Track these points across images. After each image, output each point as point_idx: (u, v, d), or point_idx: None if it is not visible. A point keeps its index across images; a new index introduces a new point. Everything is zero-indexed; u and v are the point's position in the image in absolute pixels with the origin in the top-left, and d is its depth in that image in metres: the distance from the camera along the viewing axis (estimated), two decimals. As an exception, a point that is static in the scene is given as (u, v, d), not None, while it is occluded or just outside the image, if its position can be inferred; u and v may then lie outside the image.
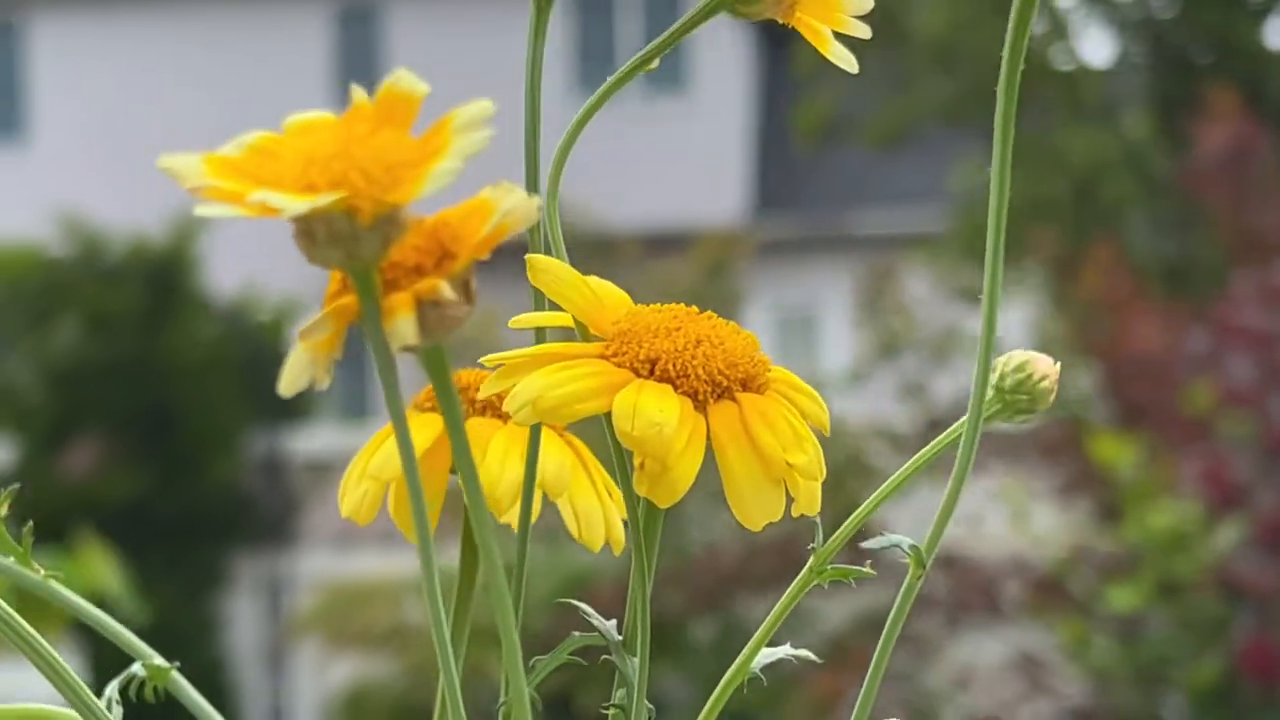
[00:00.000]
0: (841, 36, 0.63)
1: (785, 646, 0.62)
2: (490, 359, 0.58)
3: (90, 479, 7.96)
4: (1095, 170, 7.99)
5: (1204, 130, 5.93)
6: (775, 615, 0.61)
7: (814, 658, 0.62)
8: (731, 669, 0.61)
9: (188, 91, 11.61)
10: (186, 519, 8.13)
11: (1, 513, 0.64)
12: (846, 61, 0.62)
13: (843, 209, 11.45)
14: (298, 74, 11.64)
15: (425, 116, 0.48)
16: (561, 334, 0.60)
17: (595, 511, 0.64)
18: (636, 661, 0.59)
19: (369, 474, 0.63)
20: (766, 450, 0.57)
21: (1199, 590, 4.71)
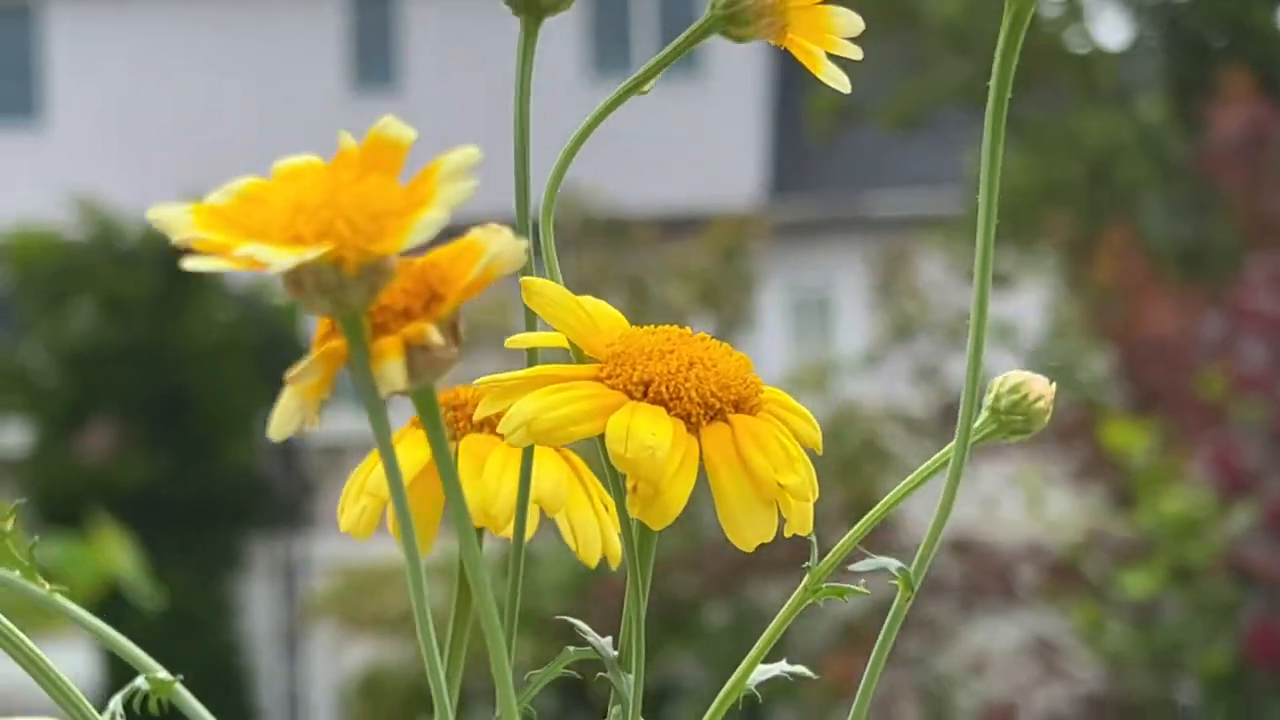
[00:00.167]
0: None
1: (781, 663, 0.62)
2: (484, 381, 0.58)
3: (106, 462, 7.97)
4: (1110, 154, 7.97)
5: (1218, 114, 5.91)
6: (771, 632, 0.61)
7: (809, 673, 0.62)
8: (728, 685, 0.62)
9: (203, 75, 11.62)
10: (202, 502, 8.14)
11: (7, 527, 0.64)
12: (839, 82, 0.62)
13: (858, 191, 11.44)
14: (313, 57, 11.64)
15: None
16: (558, 354, 0.61)
17: (592, 526, 0.64)
18: (631, 678, 0.59)
19: (367, 490, 0.63)
20: (758, 472, 0.57)
21: (1211, 576, 4.70)
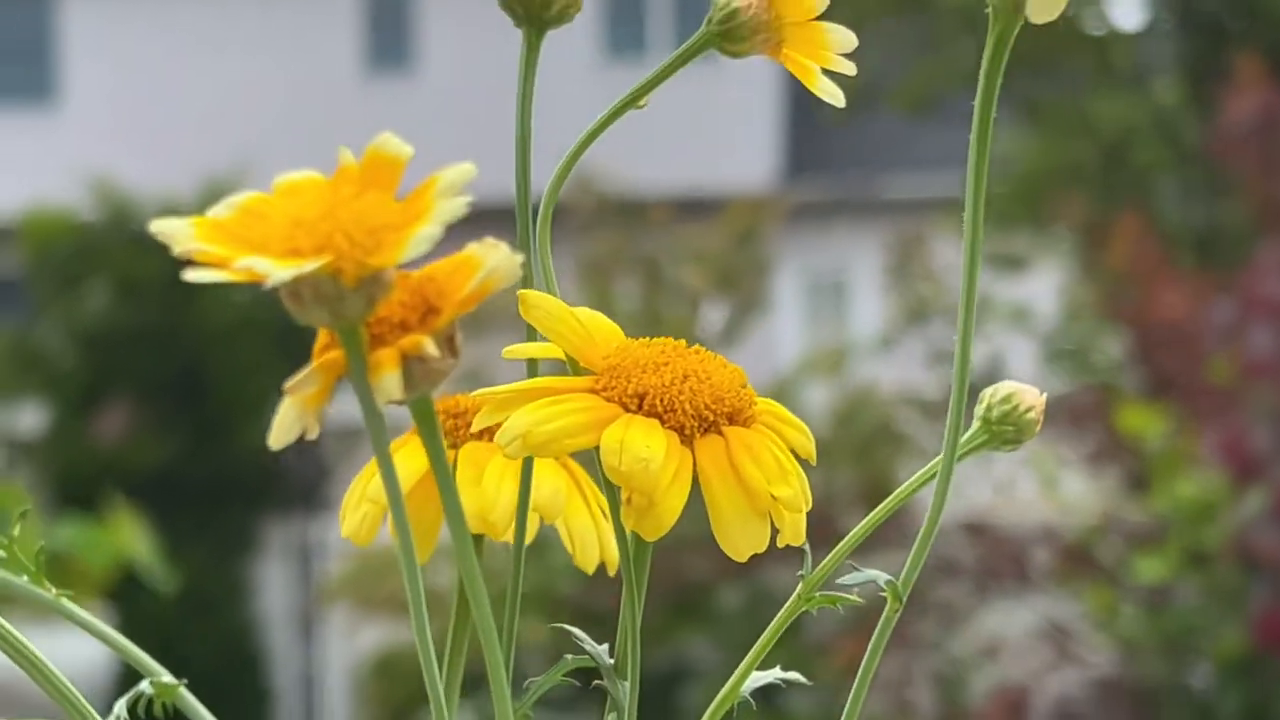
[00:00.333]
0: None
1: (775, 670, 0.63)
2: (481, 393, 0.59)
3: (121, 444, 7.98)
4: (1125, 137, 7.95)
5: (1230, 99, 5.89)
6: (764, 641, 0.62)
7: (804, 680, 0.63)
8: (723, 691, 0.62)
9: (217, 56, 11.62)
10: (217, 484, 8.15)
11: (14, 532, 0.65)
12: (833, 96, 0.63)
13: (873, 174, 11.43)
14: (328, 38, 11.64)
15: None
16: (554, 365, 0.61)
17: (590, 533, 0.65)
18: (627, 685, 0.60)
19: (368, 497, 0.64)
20: (751, 483, 0.58)
21: (1223, 560, 4.70)
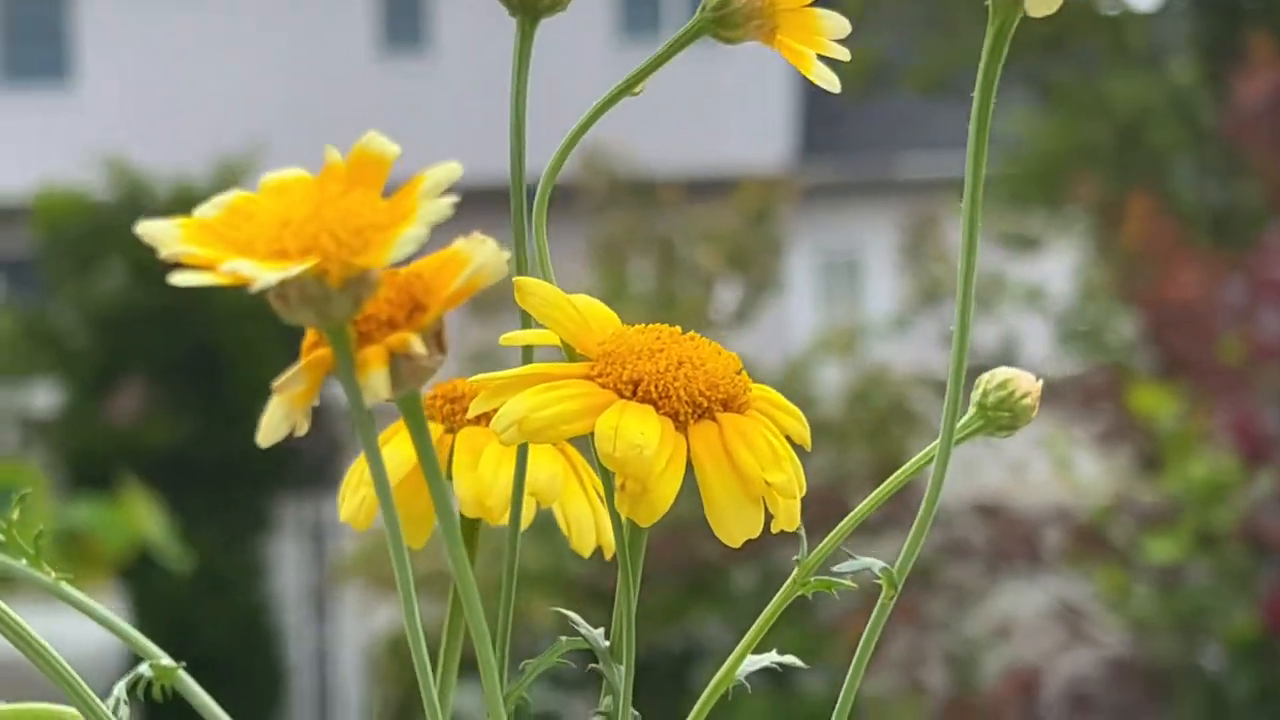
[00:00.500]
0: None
1: (772, 653, 0.63)
2: (477, 379, 0.59)
3: (135, 424, 7.99)
4: (1140, 116, 7.94)
5: (1243, 80, 5.87)
6: (760, 625, 0.62)
7: (800, 663, 0.63)
8: (718, 675, 0.62)
9: (232, 36, 11.62)
10: (231, 464, 8.15)
11: (13, 516, 0.65)
12: (829, 82, 0.63)
13: (887, 154, 11.41)
14: (342, 18, 11.64)
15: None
16: (552, 352, 0.61)
17: (586, 518, 0.65)
18: (622, 669, 0.60)
19: (367, 481, 0.64)
20: (746, 469, 0.58)
21: (1233, 543, 4.69)
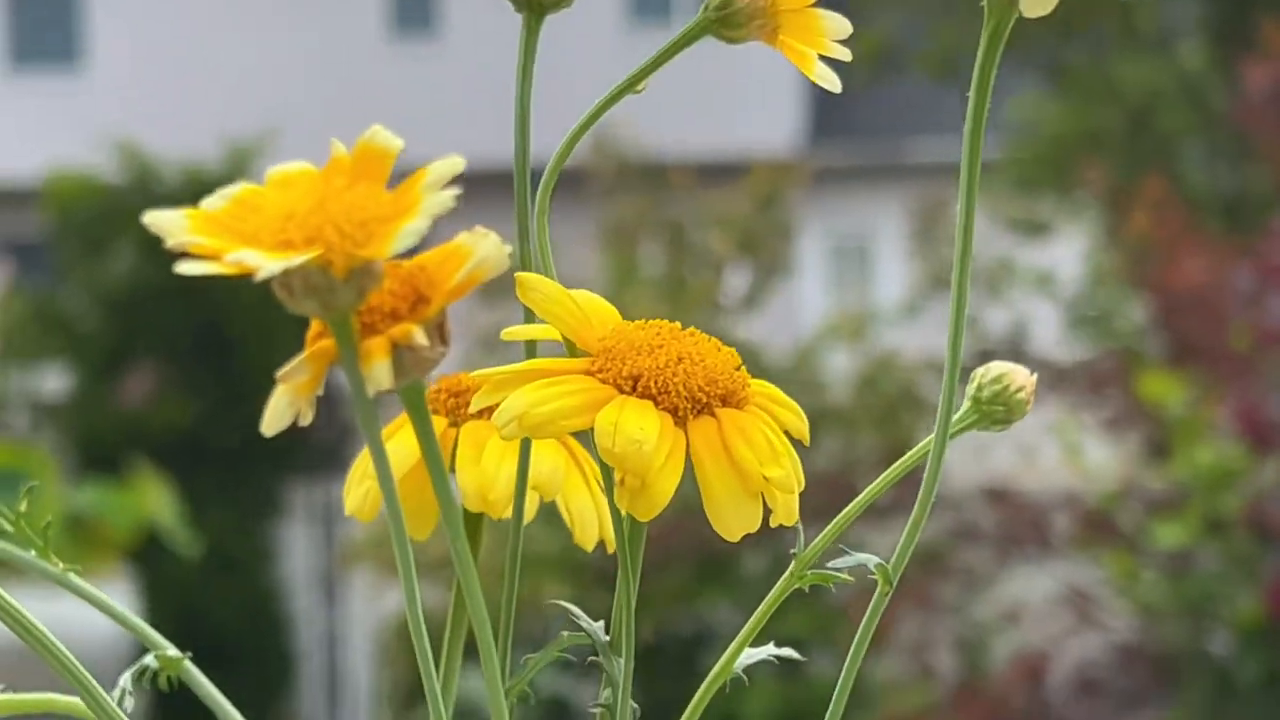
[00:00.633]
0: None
1: (769, 646, 0.64)
2: (480, 374, 0.60)
3: (145, 407, 7.99)
4: (1150, 101, 7.92)
5: (1250, 66, 5.86)
6: (758, 618, 0.63)
7: (797, 655, 0.64)
8: (717, 667, 0.63)
9: (243, 18, 11.62)
10: (241, 447, 8.15)
11: (22, 508, 0.66)
12: (830, 82, 0.63)
13: (897, 138, 11.40)
14: (353, 4, 11.63)
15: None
16: (553, 347, 0.62)
17: (589, 511, 0.66)
18: (622, 662, 0.61)
19: (371, 474, 0.65)
20: (744, 465, 0.59)
21: (1239, 530, 4.70)
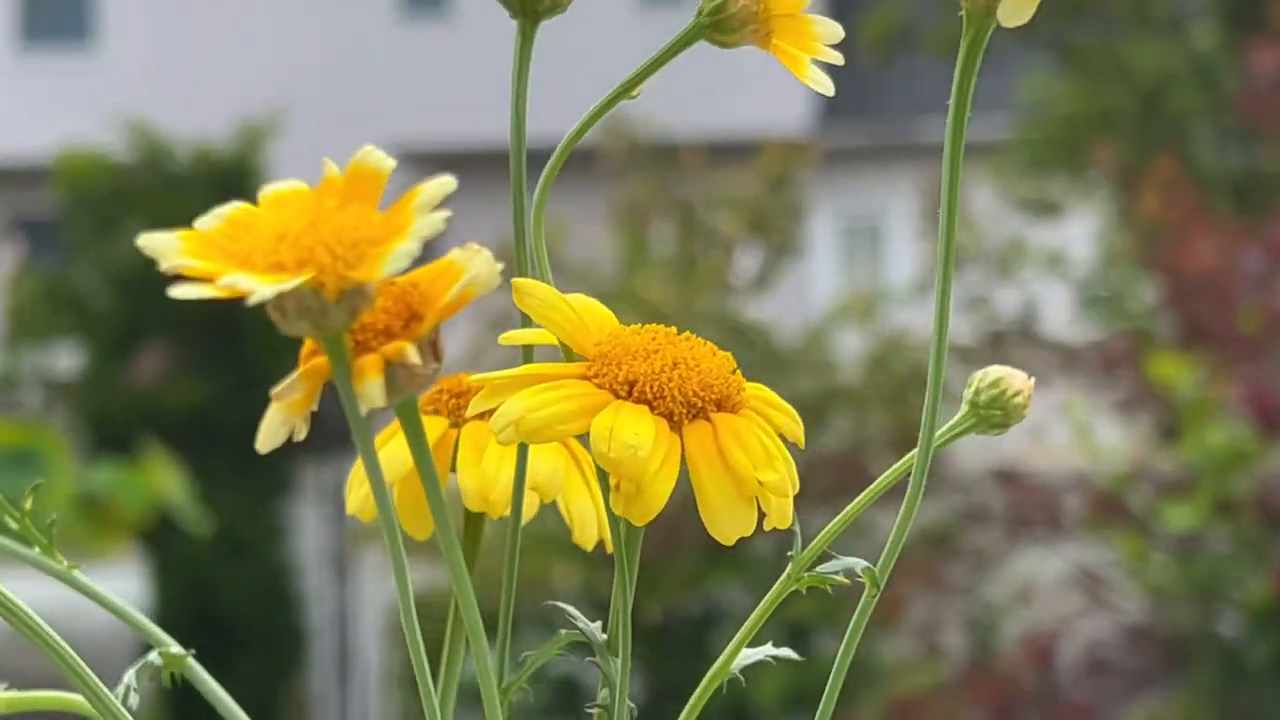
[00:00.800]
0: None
1: (767, 646, 0.64)
2: (478, 378, 0.60)
3: (157, 386, 8.00)
4: (1161, 82, 7.90)
5: (1257, 50, 5.85)
6: (757, 617, 0.63)
7: (794, 655, 0.64)
8: (714, 668, 0.63)
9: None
10: (252, 427, 8.05)
11: (27, 506, 0.66)
12: (823, 85, 0.63)
13: (908, 118, 11.39)
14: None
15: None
16: (551, 352, 0.62)
17: (589, 513, 0.66)
18: (619, 662, 0.61)
19: (370, 475, 0.65)
20: (739, 469, 0.59)
21: (1249, 512, 4.69)
